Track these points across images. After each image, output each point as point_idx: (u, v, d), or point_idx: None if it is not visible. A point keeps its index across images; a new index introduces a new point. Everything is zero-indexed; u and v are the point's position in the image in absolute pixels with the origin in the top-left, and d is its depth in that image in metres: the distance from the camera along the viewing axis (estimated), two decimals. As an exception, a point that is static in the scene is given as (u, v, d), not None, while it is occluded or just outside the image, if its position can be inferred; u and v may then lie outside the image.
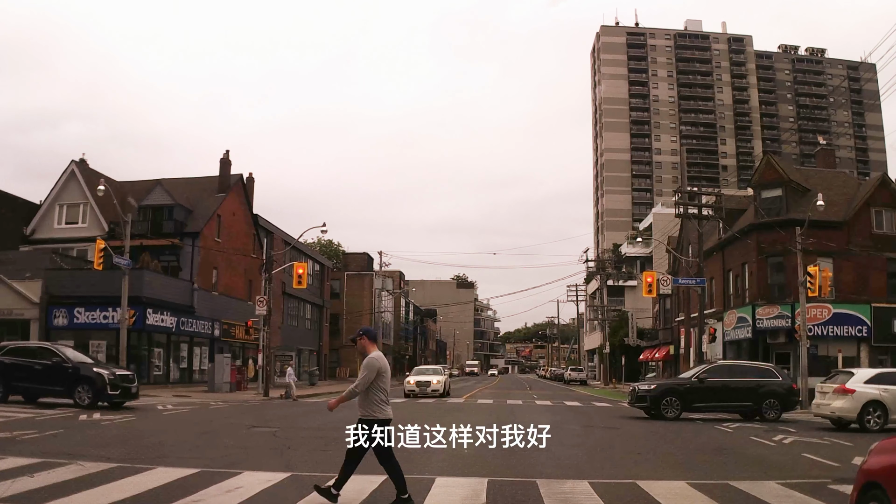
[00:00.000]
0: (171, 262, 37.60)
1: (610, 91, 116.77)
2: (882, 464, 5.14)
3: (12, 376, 19.71)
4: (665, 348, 49.75)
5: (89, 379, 19.17)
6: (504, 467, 9.81)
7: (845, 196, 34.20)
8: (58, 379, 19.36)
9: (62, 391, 19.48)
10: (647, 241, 68.70)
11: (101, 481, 8.03)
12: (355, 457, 7.07)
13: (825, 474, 9.84)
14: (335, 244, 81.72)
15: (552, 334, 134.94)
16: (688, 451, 13.01)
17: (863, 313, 31.57)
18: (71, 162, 38.84)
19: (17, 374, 19.67)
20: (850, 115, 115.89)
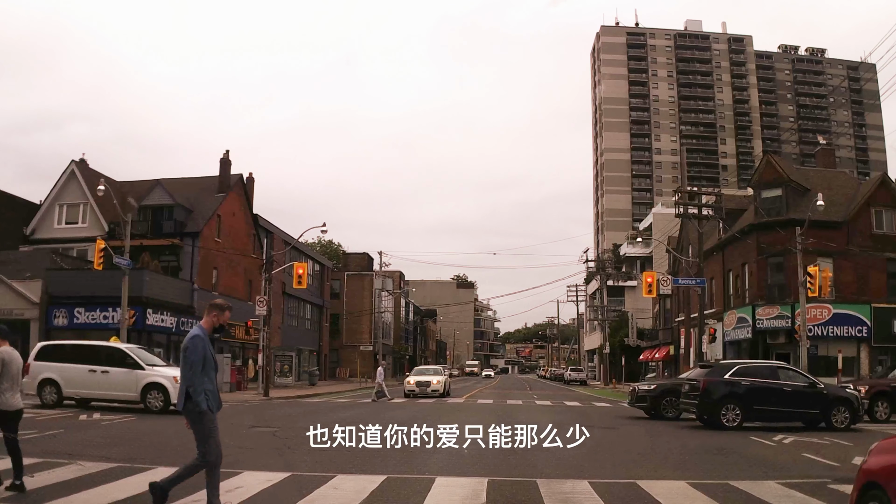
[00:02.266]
0: (171, 262, 37.58)
1: (610, 91, 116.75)
2: (882, 464, 5.14)
3: None
4: (665, 348, 49.75)
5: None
6: (504, 467, 9.81)
7: (845, 196, 34.20)
8: None
9: None
10: (647, 241, 68.70)
11: (101, 481, 8.03)
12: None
13: (825, 474, 9.84)
14: (335, 244, 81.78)
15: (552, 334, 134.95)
16: (688, 451, 13.01)
17: (863, 313, 31.57)
18: (71, 162, 38.82)
19: None
20: (850, 115, 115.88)
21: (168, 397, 17.65)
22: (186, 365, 6.36)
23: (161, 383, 17.99)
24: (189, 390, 6.35)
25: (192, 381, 6.33)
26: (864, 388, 20.37)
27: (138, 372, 18.22)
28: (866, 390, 20.25)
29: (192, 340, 6.41)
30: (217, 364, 6.76)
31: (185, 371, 6.40)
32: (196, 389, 6.33)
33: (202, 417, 6.42)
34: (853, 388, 19.95)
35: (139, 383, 18.09)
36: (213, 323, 6.69)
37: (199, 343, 6.42)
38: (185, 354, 6.41)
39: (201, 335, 6.53)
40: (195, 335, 6.48)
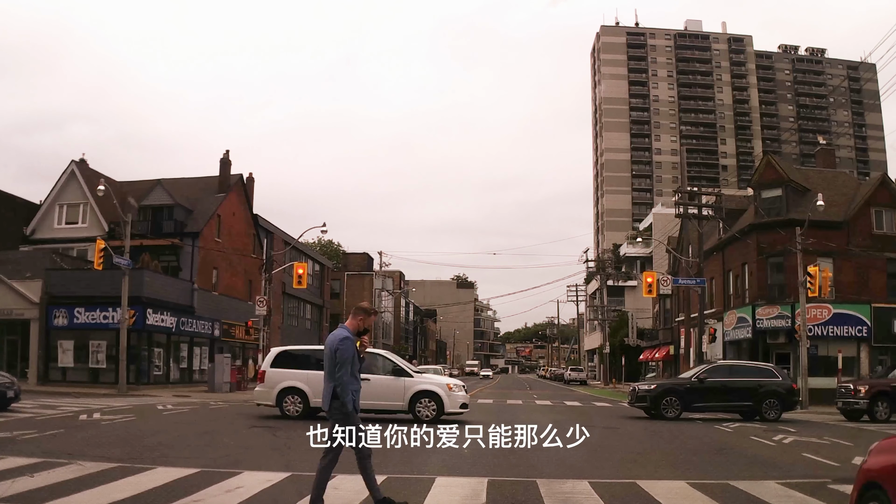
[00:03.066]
0: (171, 262, 37.59)
1: (610, 91, 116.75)
2: (882, 464, 5.14)
3: None
4: (665, 348, 49.75)
5: None
6: (504, 467, 9.81)
7: (845, 196, 34.19)
8: None
9: None
10: (647, 241, 68.69)
11: (101, 481, 8.03)
12: None
13: (825, 474, 9.84)
14: (335, 244, 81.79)
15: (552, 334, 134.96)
16: (688, 451, 13.01)
17: (863, 313, 31.56)
18: (71, 162, 38.83)
19: None
20: (850, 115, 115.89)
21: (441, 406, 16.53)
22: (337, 366, 6.62)
23: (434, 391, 16.73)
24: (337, 390, 6.64)
25: (341, 382, 6.62)
26: (865, 388, 20.38)
27: (406, 380, 16.85)
28: (866, 390, 20.25)
29: (342, 342, 6.68)
30: (361, 365, 7.00)
31: (335, 371, 6.66)
32: (344, 389, 6.63)
33: (348, 417, 6.74)
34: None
35: (407, 392, 16.66)
36: (358, 326, 6.93)
37: (349, 345, 6.70)
38: (335, 356, 6.65)
39: (351, 337, 6.79)
40: (345, 337, 6.74)
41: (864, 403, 20.01)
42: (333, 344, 6.71)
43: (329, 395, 6.70)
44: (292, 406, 16.84)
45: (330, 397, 6.69)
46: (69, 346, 31.73)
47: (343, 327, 6.89)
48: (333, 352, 6.67)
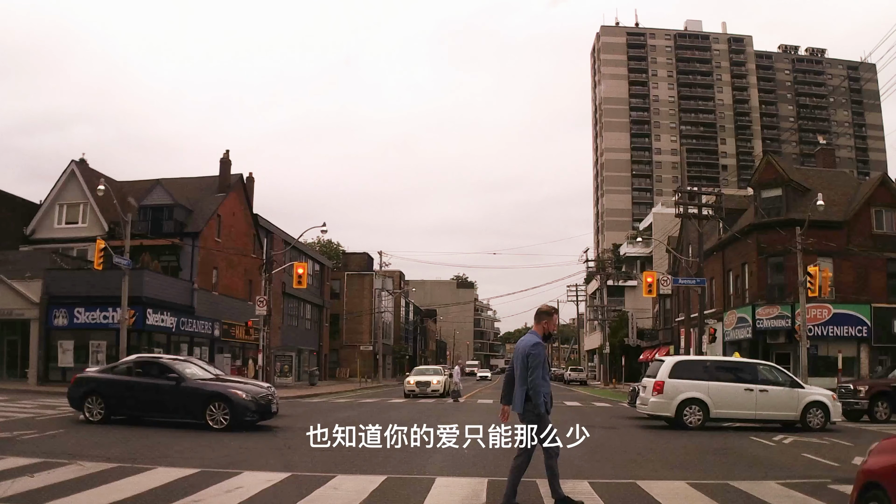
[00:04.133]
0: (171, 262, 37.58)
1: (610, 91, 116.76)
2: (882, 464, 5.14)
3: None
4: (665, 348, 49.75)
5: None
6: (504, 467, 9.78)
7: (845, 196, 34.20)
8: None
9: None
10: (647, 241, 68.67)
11: (101, 481, 8.03)
12: None
13: (825, 474, 9.84)
14: (335, 244, 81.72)
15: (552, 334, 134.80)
16: (688, 451, 13.01)
17: (863, 313, 31.57)
18: (71, 162, 38.81)
19: None
20: (850, 115, 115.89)
21: (828, 414, 16.88)
22: (529, 370, 6.91)
23: (823, 401, 16.96)
24: (529, 393, 6.92)
25: (534, 385, 6.88)
26: (865, 388, 20.37)
27: (799, 391, 17.16)
28: (866, 390, 20.25)
29: (535, 348, 6.96)
30: (550, 368, 7.25)
31: (527, 375, 6.93)
32: (537, 392, 6.91)
33: (540, 419, 6.99)
34: (853, 387, 20.15)
35: (801, 402, 16.90)
36: (544, 329, 7.20)
37: (541, 350, 7.00)
38: (527, 361, 6.93)
39: (541, 342, 7.09)
40: (537, 342, 7.04)
41: (864, 403, 20.00)
42: (525, 349, 6.99)
43: (522, 398, 6.98)
44: (692, 417, 16.63)
45: (523, 400, 6.97)
46: (69, 346, 31.72)
47: (532, 333, 7.16)
48: (525, 357, 6.94)
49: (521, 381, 6.99)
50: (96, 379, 15.93)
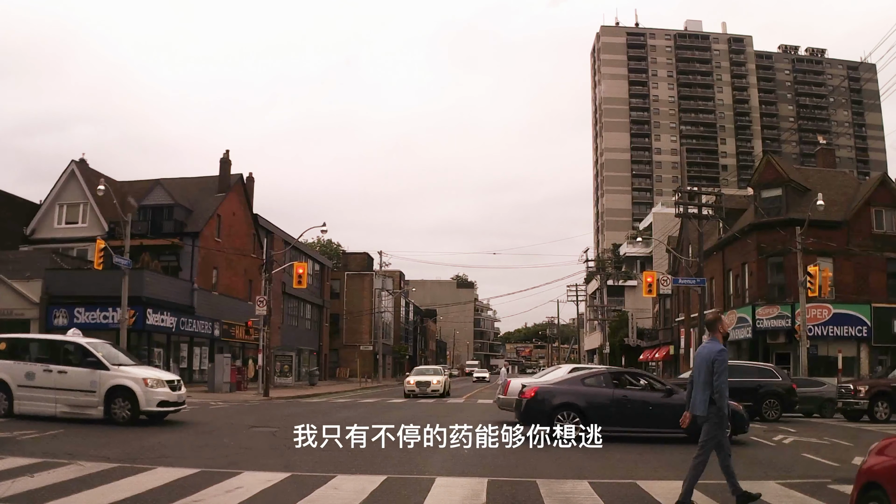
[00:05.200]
0: (171, 262, 37.58)
1: (610, 91, 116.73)
2: (882, 464, 5.14)
3: None
4: (665, 348, 49.75)
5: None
6: (504, 467, 9.81)
7: (845, 196, 34.20)
8: None
9: None
10: (647, 240, 68.67)
11: (101, 481, 8.03)
12: None
13: (825, 474, 9.83)
14: (335, 244, 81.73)
15: (552, 334, 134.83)
16: (688, 451, 12.98)
17: (863, 313, 31.57)
18: (71, 162, 38.82)
19: None
20: (850, 115, 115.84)
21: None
22: (715, 375, 7.33)
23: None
24: (714, 396, 7.35)
25: (720, 389, 7.33)
26: (865, 388, 20.37)
27: None
28: (866, 390, 20.24)
29: (720, 354, 7.39)
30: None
31: (712, 380, 7.36)
32: (723, 396, 7.35)
33: (723, 421, 7.47)
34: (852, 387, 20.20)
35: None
36: (722, 333, 7.65)
37: (725, 356, 7.45)
38: (712, 366, 7.36)
39: (725, 349, 7.54)
40: (722, 349, 7.48)
41: (864, 403, 20.01)
42: (710, 355, 7.41)
43: (705, 401, 7.41)
44: None
45: (706, 403, 7.40)
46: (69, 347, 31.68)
47: (713, 340, 7.58)
48: (711, 363, 7.38)
49: (705, 385, 7.41)
50: None
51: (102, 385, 14.73)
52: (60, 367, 15.06)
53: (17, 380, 15.02)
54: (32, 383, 14.98)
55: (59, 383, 14.85)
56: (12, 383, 15.01)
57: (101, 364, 15.01)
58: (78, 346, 15.63)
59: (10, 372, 15.14)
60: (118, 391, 14.69)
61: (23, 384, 14.98)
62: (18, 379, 15.01)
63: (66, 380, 14.87)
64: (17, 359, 15.42)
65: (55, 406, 14.70)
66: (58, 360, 15.29)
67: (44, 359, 15.45)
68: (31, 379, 15.00)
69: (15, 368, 15.18)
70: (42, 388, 14.88)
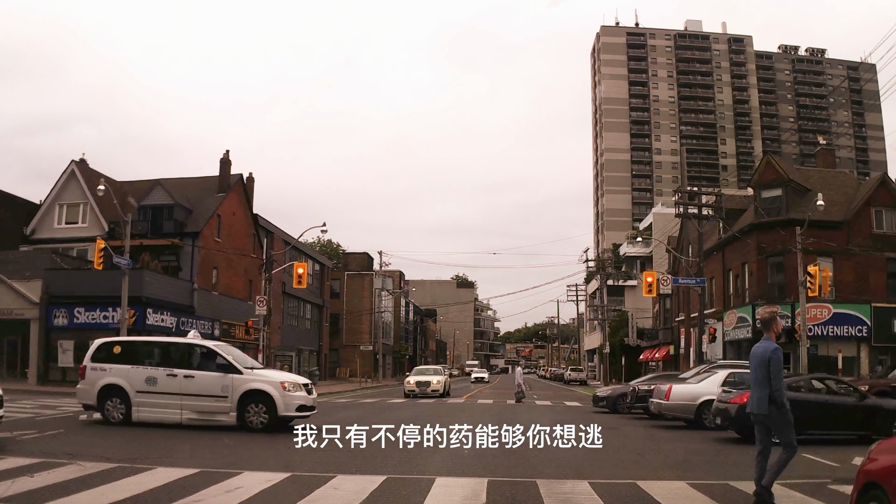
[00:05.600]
0: (171, 262, 37.58)
1: (610, 91, 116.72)
2: (882, 464, 5.14)
3: None
4: (665, 348, 49.74)
5: None
6: (504, 467, 9.81)
7: (845, 196, 34.19)
8: None
9: None
10: (647, 240, 68.69)
11: (101, 481, 8.03)
12: None
13: (825, 474, 9.84)
14: (335, 244, 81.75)
15: (552, 334, 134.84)
16: (688, 451, 13.02)
17: (863, 313, 31.56)
18: (71, 162, 38.81)
19: None
20: (850, 115, 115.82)
21: None
22: (772, 374, 7.49)
23: None
24: (774, 395, 7.45)
25: (778, 388, 7.46)
26: (865, 388, 20.34)
27: None
28: (866, 390, 20.22)
29: (774, 352, 7.54)
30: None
31: (769, 379, 7.51)
32: (782, 394, 7.49)
33: (786, 415, 7.51)
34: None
35: None
36: (776, 332, 7.84)
37: (780, 354, 7.60)
38: (769, 365, 7.50)
39: (779, 347, 7.69)
40: (776, 348, 7.61)
41: None
42: (766, 354, 7.55)
43: (764, 400, 7.53)
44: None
45: (765, 401, 7.52)
46: (69, 346, 31.72)
47: (767, 339, 7.72)
48: (767, 361, 7.51)
49: (762, 384, 7.53)
50: None
51: (235, 390, 13.94)
52: (186, 371, 14.24)
53: (135, 385, 14.25)
54: (154, 389, 14.21)
55: (185, 388, 14.07)
56: (130, 389, 14.24)
57: (233, 367, 14.25)
58: (207, 349, 14.89)
59: (127, 377, 14.36)
60: (253, 396, 13.89)
61: (142, 390, 14.21)
62: (137, 385, 14.25)
63: (194, 385, 14.08)
64: (135, 363, 14.61)
65: (180, 413, 13.94)
66: (183, 363, 14.47)
67: (167, 363, 14.63)
68: (152, 384, 14.24)
69: (133, 374, 14.38)
70: (165, 394, 14.10)
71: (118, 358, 14.80)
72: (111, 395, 14.33)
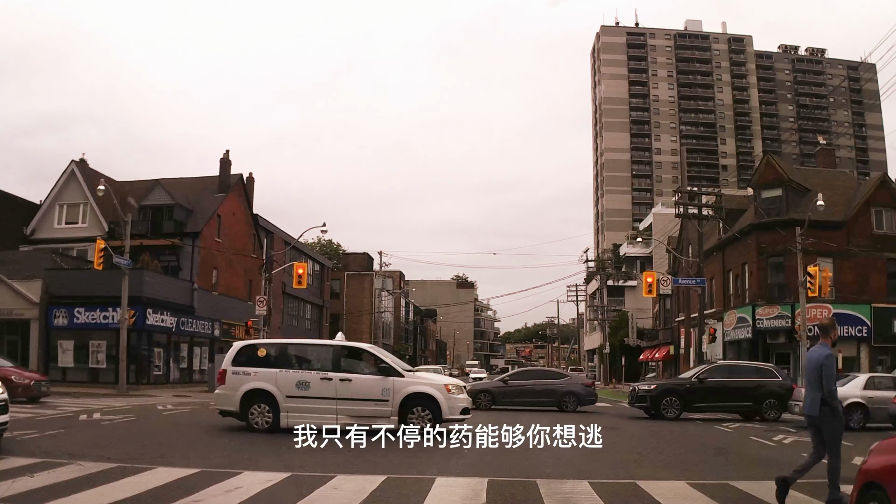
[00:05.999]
0: (171, 262, 37.58)
1: (610, 91, 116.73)
2: (882, 464, 5.14)
3: None
4: (665, 348, 49.75)
5: None
6: (504, 467, 9.81)
7: (845, 196, 34.20)
8: None
9: None
10: (647, 241, 68.68)
11: (101, 481, 8.03)
12: None
13: (825, 474, 9.81)
14: (335, 244, 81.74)
15: (552, 334, 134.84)
16: (688, 451, 13.02)
17: (863, 313, 31.56)
18: (71, 162, 38.82)
19: None
20: (850, 115, 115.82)
21: None
22: (825, 378, 7.67)
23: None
24: (826, 398, 7.63)
25: (830, 391, 7.66)
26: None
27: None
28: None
29: (828, 359, 7.74)
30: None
31: (823, 382, 7.68)
32: (834, 397, 7.67)
33: (838, 421, 7.74)
34: None
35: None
36: (832, 340, 8.02)
37: (833, 360, 7.83)
38: (821, 370, 7.68)
39: (832, 353, 7.89)
40: (830, 354, 7.82)
41: None
42: (819, 359, 7.76)
43: (817, 403, 7.69)
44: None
45: (817, 403, 7.69)
46: (69, 346, 31.73)
47: (822, 345, 7.94)
48: (819, 366, 7.72)
49: (815, 387, 7.72)
50: None
51: (397, 393, 13.43)
52: (342, 374, 13.68)
53: (284, 390, 13.58)
54: (305, 393, 13.53)
55: (341, 392, 13.46)
56: (279, 394, 13.58)
57: (394, 370, 13.82)
58: (364, 351, 14.66)
59: (275, 382, 13.68)
60: (416, 399, 13.42)
61: (293, 395, 13.56)
62: (287, 389, 13.58)
63: (351, 388, 13.51)
64: (283, 366, 14.00)
65: (336, 418, 13.01)
66: (337, 366, 13.90)
67: (318, 366, 14.12)
68: (303, 389, 13.58)
69: (282, 378, 13.71)
70: (319, 399, 13.45)
71: (262, 361, 14.19)
72: (257, 401, 13.65)
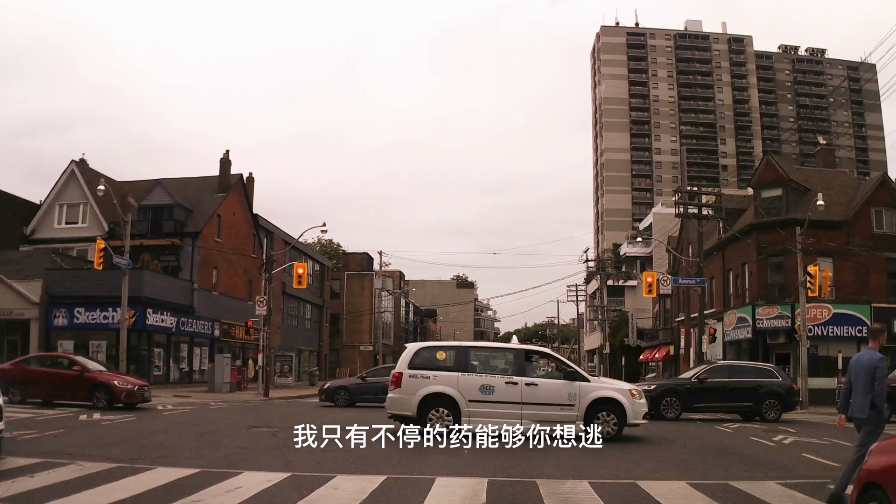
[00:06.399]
0: (171, 262, 37.60)
1: (610, 91, 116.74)
2: (882, 464, 5.14)
3: None
4: (665, 348, 49.73)
5: None
6: (504, 467, 9.81)
7: (845, 196, 34.19)
8: None
9: None
10: (647, 241, 68.67)
11: (101, 481, 8.03)
12: None
13: (825, 474, 9.83)
14: (335, 244, 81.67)
15: (552, 334, 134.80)
16: (688, 451, 13.02)
17: (863, 313, 31.54)
18: (71, 162, 38.85)
19: None
20: (850, 115, 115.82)
21: None
22: (877, 381, 7.88)
23: None
24: (876, 401, 7.87)
25: (881, 394, 7.87)
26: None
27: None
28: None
29: (881, 362, 7.94)
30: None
31: (874, 385, 7.90)
32: (884, 399, 7.92)
33: (882, 423, 8.01)
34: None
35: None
36: (880, 344, 8.28)
37: (885, 364, 7.98)
38: (874, 373, 7.88)
39: (884, 357, 8.07)
40: (882, 357, 8.02)
41: None
42: (872, 362, 7.94)
43: (866, 405, 7.91)
44: None
45: (868, 406, 7.91)
46: (69, 346, 31.70)
47: (871, 349, 8.15)
48: (872, 369, 7.91)
49: (866, 390, 7.90)
50: None
51: (583, 397, 13.37)
52: (528, 378, 13.57)
53: (467, 394, 13.31)
54: (489, 398, 13.29)
55: (526, 397, 13.29)
56: (462, 399, 13.27)
57: (580, 375, 13.87)
58: (549, 355, 14.58)
59: (458, 386, 13.37)
60: (601, 404, 13.43)
61: (476, 399, 13.30)
62: (470, 393, 13.32)
63: (537, 393, 13.35)
64: (464, 370, 13.71)
65: (520, 423, 12.76)
66: (521, 371, 13.77)
67: (500, 369, 14.10)
68: (487, 393, 13.33)
69: (465, 382, 13.42)
70: (503, 403, 13.23)
71: (441, 365, 13.89)
72: (436, 405, 13.26)
